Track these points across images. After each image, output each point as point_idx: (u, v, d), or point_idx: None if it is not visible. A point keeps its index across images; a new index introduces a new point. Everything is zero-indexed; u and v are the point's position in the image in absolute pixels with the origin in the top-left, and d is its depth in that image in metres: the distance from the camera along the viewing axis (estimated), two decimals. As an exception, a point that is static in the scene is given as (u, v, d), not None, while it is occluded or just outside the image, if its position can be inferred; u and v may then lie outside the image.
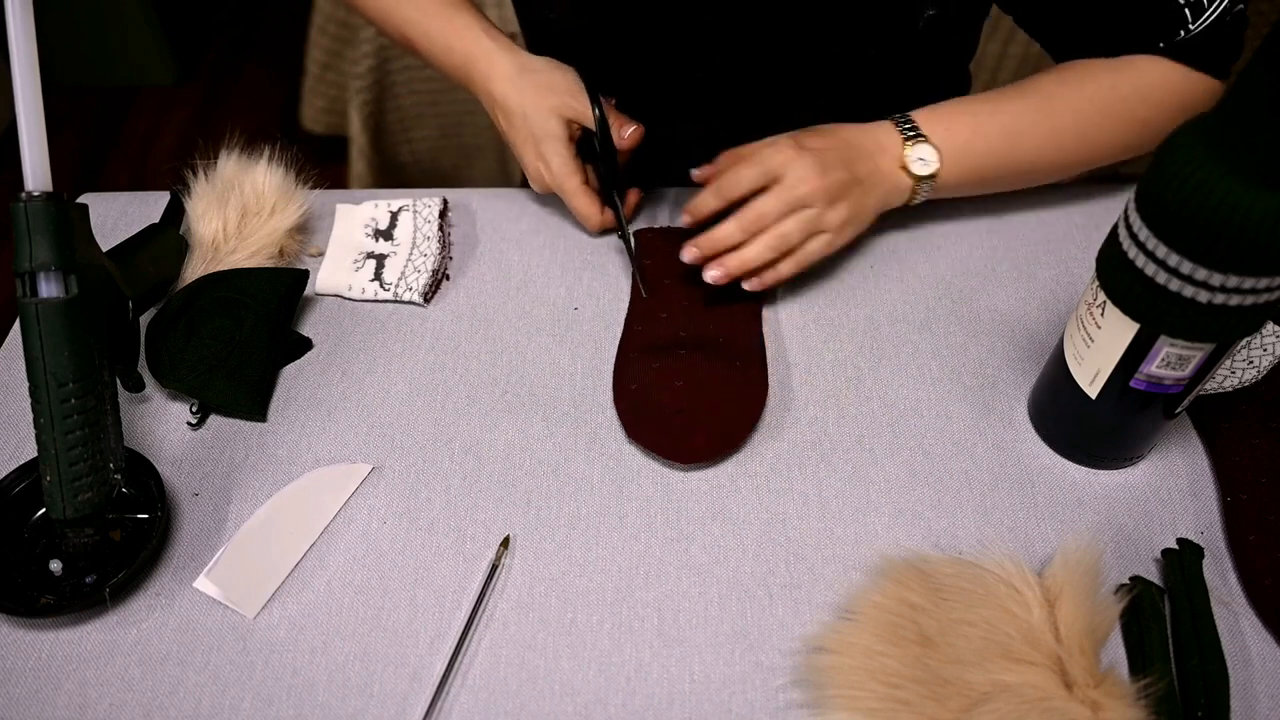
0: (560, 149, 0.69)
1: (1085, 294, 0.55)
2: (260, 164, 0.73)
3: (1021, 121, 0.66)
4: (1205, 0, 0.61)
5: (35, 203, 0.50)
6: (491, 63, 0.70)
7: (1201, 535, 0.57)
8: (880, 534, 0.57)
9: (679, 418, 0.61)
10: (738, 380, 0.63)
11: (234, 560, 0.56)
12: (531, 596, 0.55)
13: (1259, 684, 0.51)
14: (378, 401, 0.64)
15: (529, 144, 0.70)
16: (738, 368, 0.64)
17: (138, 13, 2.07)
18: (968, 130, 0.66)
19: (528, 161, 0.71)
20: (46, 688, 0.52)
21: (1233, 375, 0.59)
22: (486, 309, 0.70)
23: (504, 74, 0.69)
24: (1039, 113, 0.66)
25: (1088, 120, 0.66)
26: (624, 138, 0.69)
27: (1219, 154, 0.43)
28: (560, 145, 0.69)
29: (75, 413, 0.51)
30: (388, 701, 0.51)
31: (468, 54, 0.71)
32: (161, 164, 2.04)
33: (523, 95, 0.68)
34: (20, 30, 0.50)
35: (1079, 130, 0.66)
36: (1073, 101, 0.65)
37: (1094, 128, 0.66)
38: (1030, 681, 0.48)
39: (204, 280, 0.67)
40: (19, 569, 0.55)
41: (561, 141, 0.69)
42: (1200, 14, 0.61)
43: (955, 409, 0.63)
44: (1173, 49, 0.63)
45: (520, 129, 0.69)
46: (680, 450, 0.60)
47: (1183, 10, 0.61)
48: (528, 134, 0.69)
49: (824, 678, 0.50)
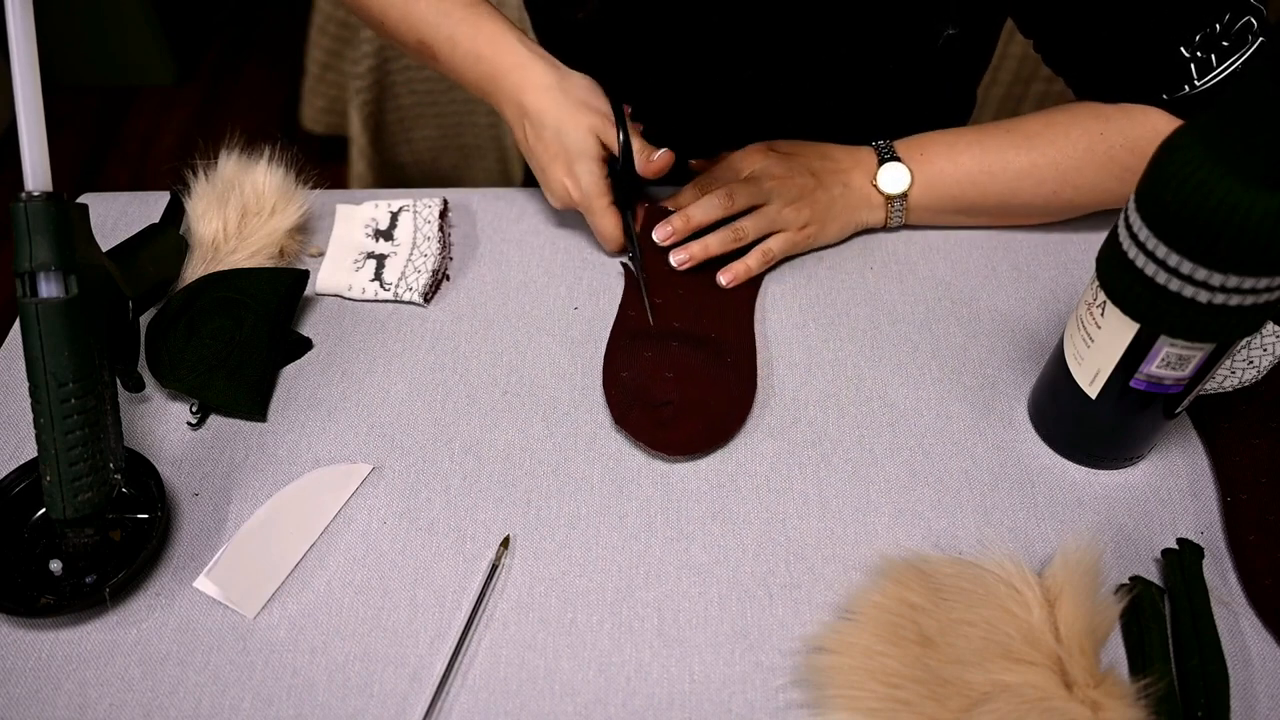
0: (593, 167, 0.67)
1: (1085, 294, 0.55)
2: (260, 164, 0.73)
3: (1001, 156, 0.67)
4: (1214, 59, 0.60)
5: (35, 203, 0.50)
6: (526, 73, 0.67)
7: (1201, 535, 0.57)
8: (880, 534, 0.57)
9: (666, 409, 0.61)
10: (728, 377, 0.63)
11: (234, 560, 0.56)
12: (531, 596, 0.55)
13: (1259, 684, 0.51)
14: (378, 401, 0.65)
15: (559, 160, 0.68)
16: (728, 364, 0.64)
17: (138, 13, 2.07)
18: (943, 158, 0.68)
19: (554, 176, 0.69)
20: (46, 688, 0.52)
21: (1233, 375, 0.59)
22: (486, 309, 0.70)
23: (540, 85, 0.67)
24: (1019, 150, 0.67)
25: (1070, 162, 0.66)
26: (650, 162, 0.67)
27: (1219, 154, 0.43)
28: (594, 164, 0.67)
29: (75, 413, 0.51)
30: (388, 701, 0.51)
31: (498, 63, 0.68)
32: (161, 164, 2.04)
33: (560, 110, 0.66)
34: (20, 30, 0.50)
35: (1060, 172, 0.66)
36: (1057, 143, 0.66)
37: (1075, 171, 0.66)
38: (1030, 681, 0.48)
39: (204, 280, 0.67)
40: (19, 569, 0.55)
41: (595, 160, 0.67)
42: (1207, 72, 0.61)
43: (955, 409, 0.63)
44: (1174, 103, 0.63)
45: (552, 144, 0.67)
46: (665, 441, 0.60)
47: (1188, 66, 0.61)
48: (560, 149, 0.67)
49: (824, 678, 0.50)
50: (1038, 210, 0.70)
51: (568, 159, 0.67)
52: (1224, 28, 0.60)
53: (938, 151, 0.69)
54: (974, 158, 0.68)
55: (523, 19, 1.39)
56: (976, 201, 0.69)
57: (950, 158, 0.68)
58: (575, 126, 0.66)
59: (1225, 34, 0.60)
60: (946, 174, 0.68)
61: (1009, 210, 0.70)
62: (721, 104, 0.78)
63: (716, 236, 0.68)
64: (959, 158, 0.68)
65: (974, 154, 0.68)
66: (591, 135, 0.66)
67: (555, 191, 0.70)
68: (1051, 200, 0.68)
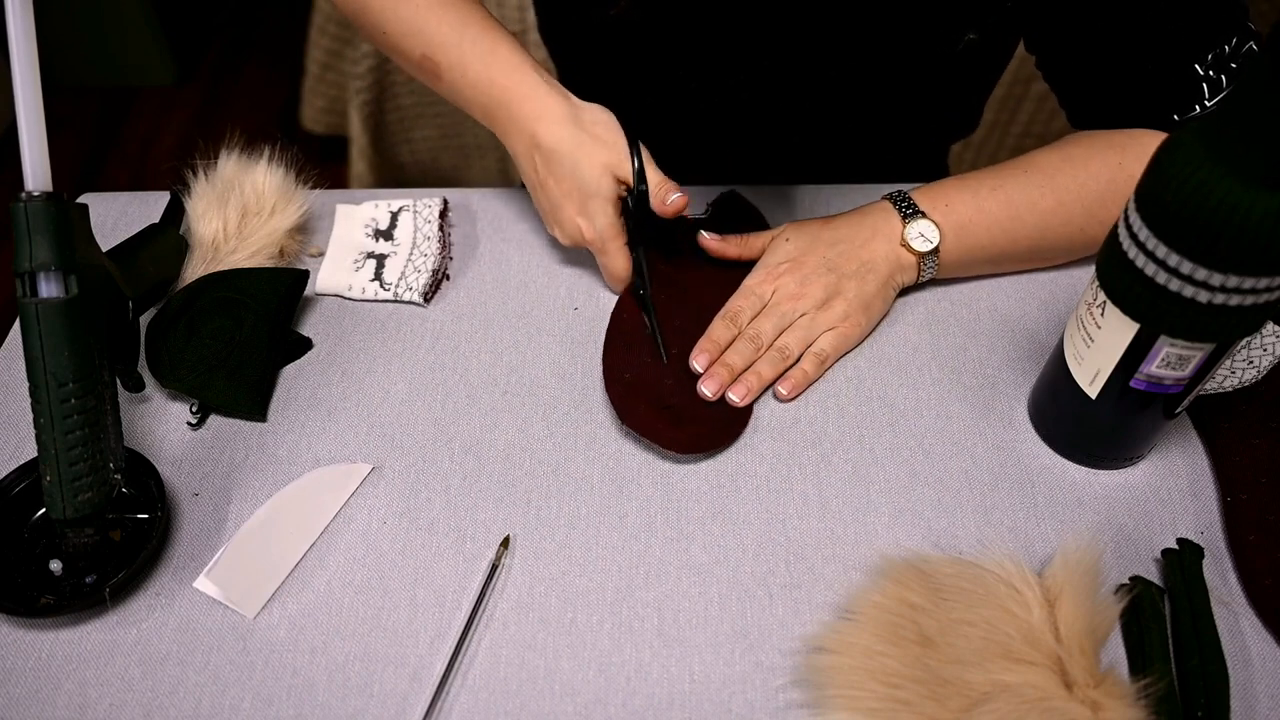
0: (608, 208, 0.64)
1: (1085, 294, 0.55)
2: (260, 164, 0.73)
3: (1025, 197, 0.65)
4: (1224, 80, 0.60)
5: (35, 203, 0.50)
6: (542, 103, 0.64)
7: (1201, 535, 0.57)
8: (880, 534, 0.57)
9: (669, 412, 0.61)
10: None
11: (234, 560, 0.56)
12: (531, 596, 0.55)
13: (1259, 684, 0.51)
14: (378, 401, 0.65)
15: (572, 197, 0.65)
16: None
17: (138, 13, 2.07)
18: (969, 207, 0.65)
19: (565, 215, 0.66)
20: (46, 688, 0.52)
21: (1233, 375, 0.60)
22: (486, 309, 0.70)
23: (556, 117, 0.64)
24: (1042, 189, 0.64)
25: (1094, 197, 0.64)
26: (667, 204, 0.64)
27: (1219, 154, 0.43)
28: (609, 204, 0.64)
29: (75, 413, 0.51)
30: (388, 701, 0.51)
31: (513, 90, 0.65)
32: (161, 164, 2.03)
33: (577, 145, 0.63)
34: (20, 30, 0.50)
35: (1085, 207, 0.64)
36: (1078, 178, 0.64)
37: (1099, 205, 0.64)
38: (1030, 681, 0.48)
39: (204, 280, 0.67)
40: (19, 569, 0.55)
41: (610, 201, 0.64)
42: (1217, 92, 0.60)
43: (955, 409, 0.63)
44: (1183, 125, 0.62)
45: (566, 180, 0.64)
46: (672, 439, 0.60)
47: (1200, 84, 0.60)
48: (574, 187, 0.64)
49: (824, 678, 0.50)
50: (1063, 249, 0.68)
51: (582, 197, 0.64)
52: (1233, 50, 0.60)
53: (961, 200, 0.66)
54: (999, 203, 0.65)
55: (523, 19, 1.40)
56: (1007, 248, 0.66)
57: (975, 205, 0.65)
58: (591, 165, 0.63)
59: (1234, 56, 0.60)
60: (976, 223, 0.65)
61: (1039, 252, 0.68)
62: (743, 105, 0.77)
63: (766, 363, 0.64)
64: (984, 204, 0.65)
65: (999, 199, 0.65)
66: (608, 173, 0.63)
67: (566, 229, 0.67)
68: (1077, 237, 0.66)
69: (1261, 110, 0.41)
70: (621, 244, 0.66)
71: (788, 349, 0.64)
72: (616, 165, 0.63)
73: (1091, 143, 0.65)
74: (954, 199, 0.66)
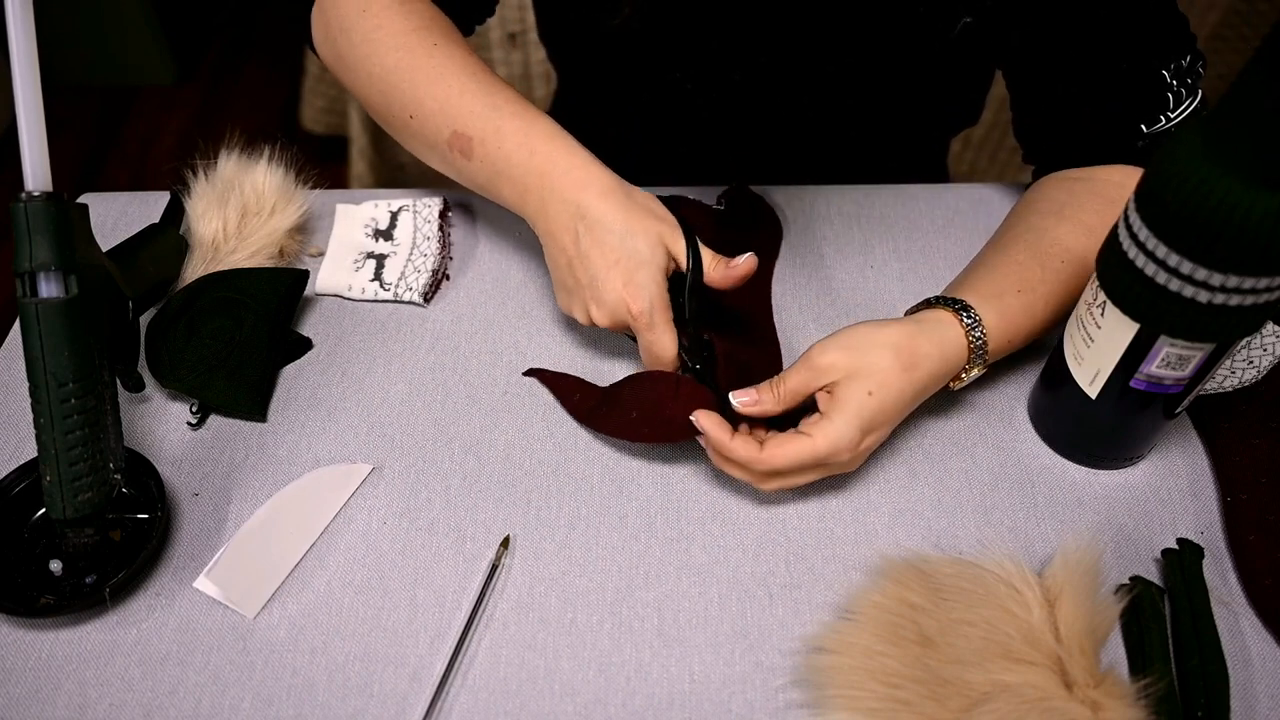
0: (660, 277, 0.59)
1: (1085, 294, 0.55)
2: (260, 164, 0.73)
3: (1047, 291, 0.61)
4: (1183, 94, 0.62)
5: (35, 203, 0.50)
6: (588, 172, 0.60)
7: (1201, 535, 0.57)
8: (880, 534, 0.57)
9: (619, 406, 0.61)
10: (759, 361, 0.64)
11: (234, 560, 0.56)
12: (531, 596, 0.55)
13: (1259, 684, 0.51)
14: (378, 401, 0.64)
15: (619, 267, 0.59)
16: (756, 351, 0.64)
17: (138, 13, 2.07)
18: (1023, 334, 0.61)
19: (609, 287, 0.59)
20: (46, 688, 0.52)
21: (1233, 375, 0.60)
22: (486, 309, 0.70)
23: (604, 188, 0.59)
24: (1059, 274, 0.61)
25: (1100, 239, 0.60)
26: (733, 268, 0.60)
27: (1219, 154, 0.43)
28: (660, 274, 0.59)
29: (75, 413, 0.51)
30: (388, 701, 0.51)
31: (557, 160, 0.61)
32: (161, 164, 2.03)
33: (628, 215, 0.59)
34: (20, 30, 0.50)
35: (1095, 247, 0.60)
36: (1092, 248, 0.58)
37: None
38: (1030, 681, 0.48)
39: (204, 280, 0.67)
40: (19, 569, 0.55)
41: (661, 270, 0.59)
42: (1179, 104, 0.62)
43: (955, 409, 0.63)
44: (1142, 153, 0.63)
45: (614, 250, 0.59)
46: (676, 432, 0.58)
47: (1166, 93, 0.61)
48: (622, 256, 0.59)
49: (824, 678, 0.50)
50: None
51: (630, 266, 0.59)
52: (1189, 65, 0.62)
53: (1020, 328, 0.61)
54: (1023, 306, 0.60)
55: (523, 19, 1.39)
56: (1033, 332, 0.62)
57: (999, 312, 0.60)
58: (645, 234, 0.58)
59: (1190, 71, 0.62)
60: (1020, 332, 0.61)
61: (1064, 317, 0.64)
62: (742, 103, 0.77)
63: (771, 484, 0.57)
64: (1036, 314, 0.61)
65: (1023, 302, 0.60)
66: (661, 244, 0.59)
67: (607, 302, 0.59)
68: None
69: (1261, 110, 0.41)
70: (669, 319, 0.60)
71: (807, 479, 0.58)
72: (670, 239, 0.60)
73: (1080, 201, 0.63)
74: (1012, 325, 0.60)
